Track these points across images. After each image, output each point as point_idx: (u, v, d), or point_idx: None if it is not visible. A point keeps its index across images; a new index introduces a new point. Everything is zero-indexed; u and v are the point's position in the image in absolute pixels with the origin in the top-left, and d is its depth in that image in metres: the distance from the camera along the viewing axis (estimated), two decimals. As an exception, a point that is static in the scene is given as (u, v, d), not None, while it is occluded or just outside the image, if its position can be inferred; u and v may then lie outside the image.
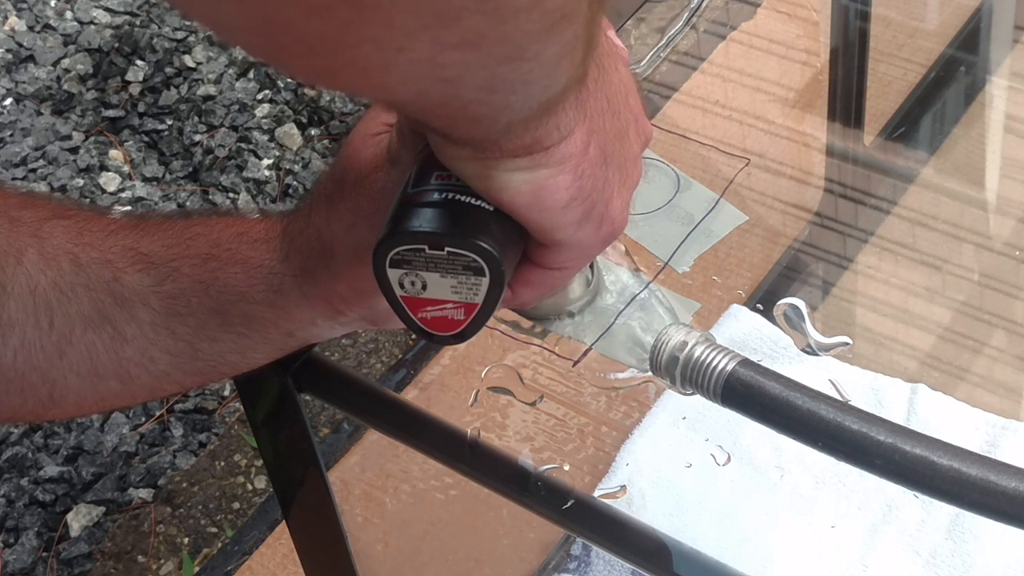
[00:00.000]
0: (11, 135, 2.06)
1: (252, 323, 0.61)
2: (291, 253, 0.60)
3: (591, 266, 0.61)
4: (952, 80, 1.24)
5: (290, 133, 2.04)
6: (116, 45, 2.18)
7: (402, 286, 0.49)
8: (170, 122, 2.07)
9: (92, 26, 2.22)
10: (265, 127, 2.06)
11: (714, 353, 0.56)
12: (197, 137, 2.04)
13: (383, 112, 0.58)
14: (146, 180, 2.00)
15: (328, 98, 2.08)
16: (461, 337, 0.51)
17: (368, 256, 0.56)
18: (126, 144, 2.05)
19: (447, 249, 0.48)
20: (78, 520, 1.60)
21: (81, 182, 1.99)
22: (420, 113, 0.43)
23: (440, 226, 0.48)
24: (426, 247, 0.48)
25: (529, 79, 0.41)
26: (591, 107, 0.48)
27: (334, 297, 0.59)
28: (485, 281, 0.48)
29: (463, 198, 0.48)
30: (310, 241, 0.59)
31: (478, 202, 0.48)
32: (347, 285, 0.59)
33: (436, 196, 0.48)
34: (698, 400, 0.58)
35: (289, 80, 2.12)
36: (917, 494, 0.52)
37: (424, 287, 0.49)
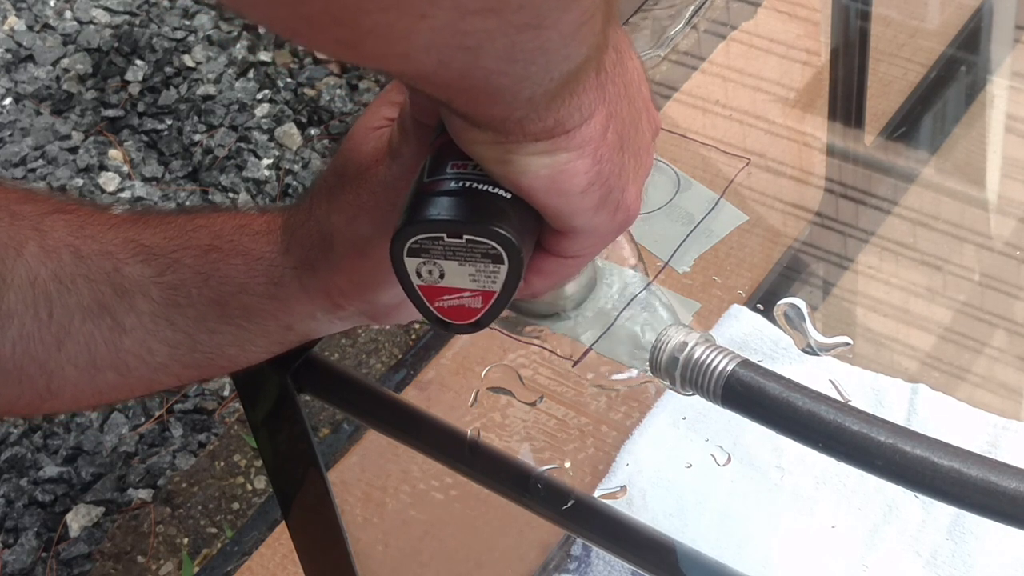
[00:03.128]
0: (10, 135, 2.06)
1: (251, 315, 0.61)
2: (291, 245, 0.60)
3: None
4: (953, 80, 1.24)
5: (290, 133, 2.04)
6: (115, 45, 2.18)
7: (419, 275, 0.49)
8: (169, 122, 2.07)
9: (91, 26, 2.22)
10: (265, 127, 2.05)
11: (714, 354, 0.56)
12: (197, 137, 2.04)
13: (384, 106, 0.58)
14: (145, 180, 2.00)
15: (328, 98, 2.08)
16: (477, 326, 0.51)
17: (368, 249, 0.56)
18: (125, 144, 2.05)
19: (466, 237, 0.48)
20: (77, 520, 1.60)
21: (80, 182, 1.99)
22: (441, 88, 0.43)
23: (459, 214, 0.48)
24: (444, 235, 0.48)
25: (548, 48, 0.40)
26: (610, 91, 0.48)
27: (333, 290, 0.59)
28: (504, 268, 0.48)
29: (480, 186, 0.48)
30: (310, 233, 0.59)
31: (495, 189, 0.48)
32: (346, 278, 0.59)
33: (453, 184, 0.48)
34: (698, 400, 0.58)
35: (289, 80, 2.12)
36: (918, 494, 0.52)
37: (442, 275, 0.49)
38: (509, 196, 0.48)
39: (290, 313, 0.61)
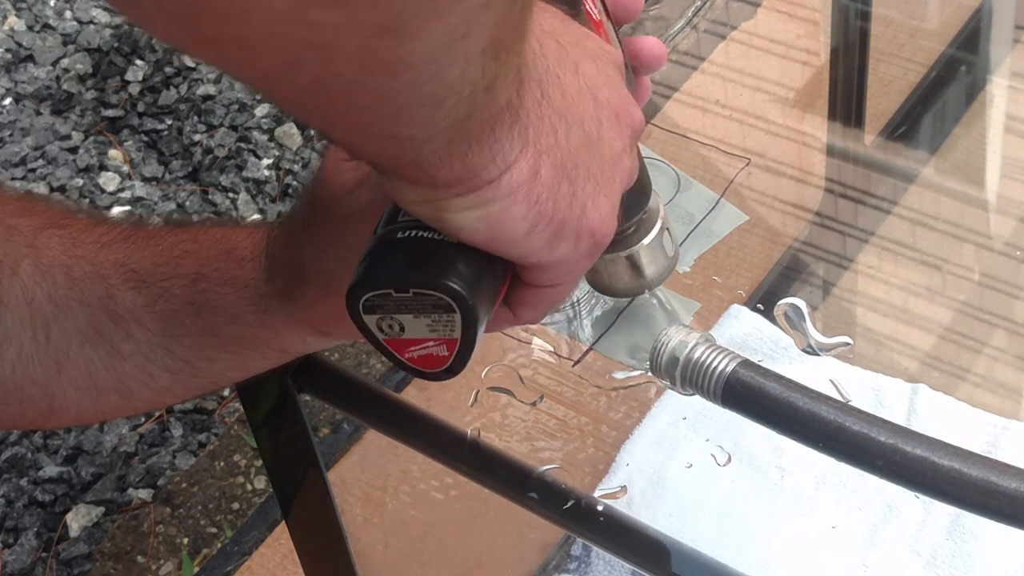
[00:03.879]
0: (10, 135, 2.06)
1: (245, 343, 0.61)
2: (273, 274, 0.59)
3: (668, 233, 0.60)
4: (953, 80, 1.24)
5: (290, 133, 2.04)
6: (115, 45, 2.18)
7: (381, 330, 0.49)
8: (169, 122, 2.07)
9: (91, 26, 2.22)
10: (265, 127, 2.05)
11: (714, 354, 0.56)
12: (197, 137, 2.04)
13: None
14: (145, 180, 2.00)
15: (328, 98, 2.08)
16: (451, 372, 0.50)
17: (336, 284, 0.55)
18: (125, 144, 2.05)
19: (412, 291, 0.47)
20: (77, 520, 1.60)
21: (80, 182, 1.99)
22: (302, 107, 0.40)
23: (402, 269, 0.47)
24: (392, 291, 0.47)
25: (412, 62, 0.38)
26: (535, 130, 0.45)
27: (316, 321, 0.59)
28: (457, 317, 0.48)
29: (427, 234, 0.47)
30: (289, 263, 0.58)
31: (442, 236, 0.47)
32: (324, 310, 0.58)
33: (400, 235, 0.48)
34: (699, 400, 0.58)
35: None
36: (918, 495, 0.52)
37: (402, 329, 0.48)
38: (456, 242, 0.47)
39: (282, 340, 0.61)
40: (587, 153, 0.49)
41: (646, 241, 0.59)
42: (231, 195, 1.97)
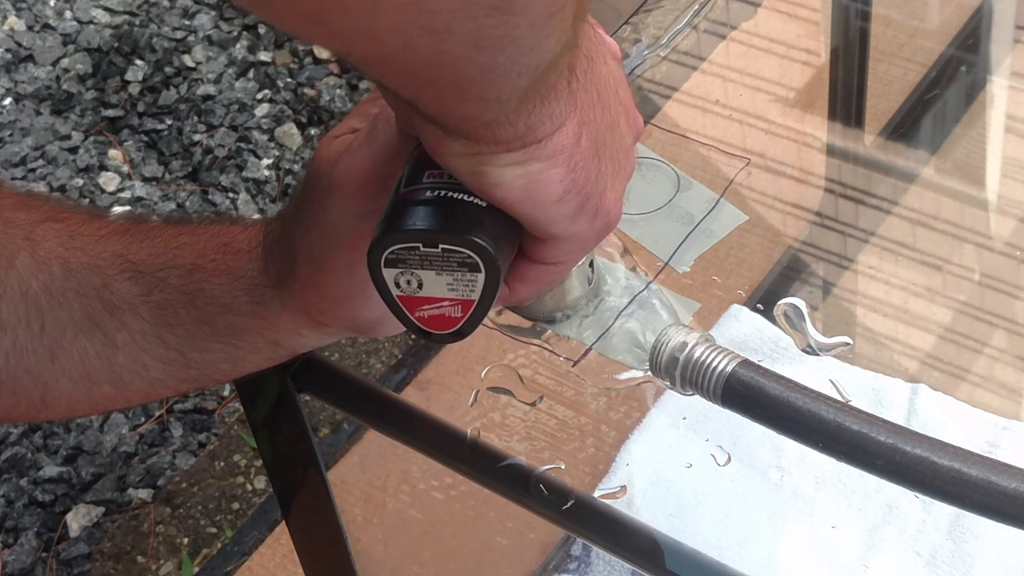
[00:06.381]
0: (10, 135, 2.06)
1: (239, 334, 0.61)
2: (268, 263, 0.60)
3: (591, 265, 0.61)
4: (953, 80, 1.24)
5: (290, 133, 2.04)
6: (115, 45, 2.18)
7: (398, 285, 0.49)
8: (169, 122, 2.07)
9: (91, 26, 2.22)
10: (265, 127, 2.05)
11: (714, 354, 0.56)
12: (196, 137, 2.04)
13: (354, 117, 0.57)
14: (145, 180, 2.00)
15: (328, 98, 2.08)
16: (459, 335, 0.51)
17: (323, 262, 0.56)
18: (125, 144, 2.05)
19: (442, 246, 0.48)
20: (77, 520, 1.60)
21: (80, 182, 1.99)
22: (407, 78, 0.42)
23: (434, 223, 0.48)
24: (420, 245, 0.48)
25: (517, 36, 0.40)
26: (581, 98, 0.47)
27: (310, 308, 0.59)
28: (481, 277, 0.48)
29: (456, 195, 0.48)
30: (283, 250, 0.59)
31: (471, 198, 0.48)
32: (316, 294, 0.58)
33: (429, 194, 0.48)
34: (698, 400, 0.58)
35: (289, 79, 2.12)
36: (918, 494, 0.52)
37: (420, 285, 0.49)
38: (484, 204, 0.48)
39: (276, 331, 0.61)
40: (611, 136, 0.50)
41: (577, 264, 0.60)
42: (231, 195, 1.97)
